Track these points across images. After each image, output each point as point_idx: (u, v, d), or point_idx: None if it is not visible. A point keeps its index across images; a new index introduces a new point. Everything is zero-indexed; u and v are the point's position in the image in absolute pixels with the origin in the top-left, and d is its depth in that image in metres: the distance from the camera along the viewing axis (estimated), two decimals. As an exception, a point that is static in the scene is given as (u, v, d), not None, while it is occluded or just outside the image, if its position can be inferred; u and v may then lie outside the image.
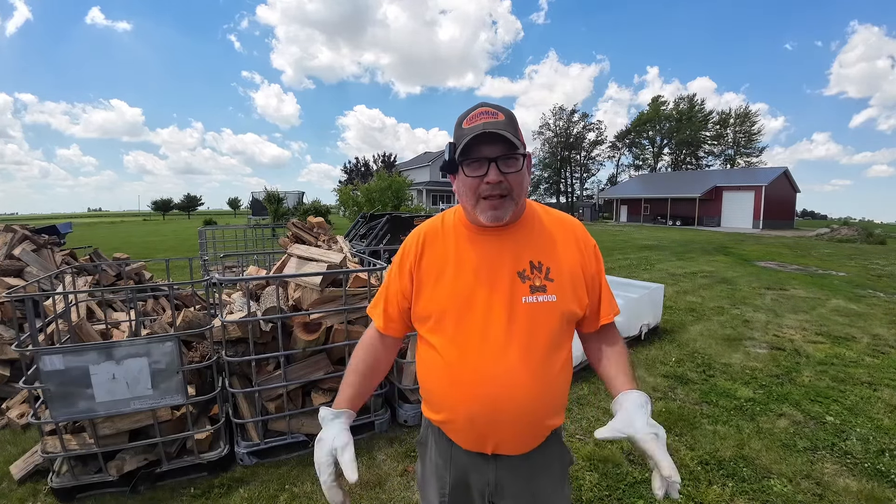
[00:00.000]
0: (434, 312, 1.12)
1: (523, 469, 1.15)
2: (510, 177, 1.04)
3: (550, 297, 1.08)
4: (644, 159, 60.64)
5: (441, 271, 1.14)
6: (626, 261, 11.82)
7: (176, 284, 3.01)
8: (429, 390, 1.18)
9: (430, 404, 1.20)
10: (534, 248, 1.12)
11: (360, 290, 2.92)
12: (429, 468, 1.26)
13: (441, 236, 1.18)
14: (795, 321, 5.88)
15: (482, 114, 1.04)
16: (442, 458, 1.21)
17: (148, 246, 17.20)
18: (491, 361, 1.06)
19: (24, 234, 4.15)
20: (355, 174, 50.13)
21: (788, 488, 2.51)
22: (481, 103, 1.08)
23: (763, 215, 30.25)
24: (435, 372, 1.14)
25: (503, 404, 1.06)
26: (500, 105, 1.07)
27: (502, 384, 1.06)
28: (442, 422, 1.17)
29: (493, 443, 1.11)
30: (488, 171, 1.03)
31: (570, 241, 1.16)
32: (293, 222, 3.78)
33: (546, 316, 1.08)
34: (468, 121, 1.05)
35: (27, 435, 3.01)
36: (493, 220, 1.07)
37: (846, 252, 15.16)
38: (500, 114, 1.04)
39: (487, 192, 1.04)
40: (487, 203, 1.06)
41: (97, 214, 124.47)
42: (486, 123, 1.02)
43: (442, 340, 1.11)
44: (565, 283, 1.11)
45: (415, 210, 23.02)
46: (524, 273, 1.09)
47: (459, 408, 1.10)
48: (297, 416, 2.81)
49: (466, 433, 1.13)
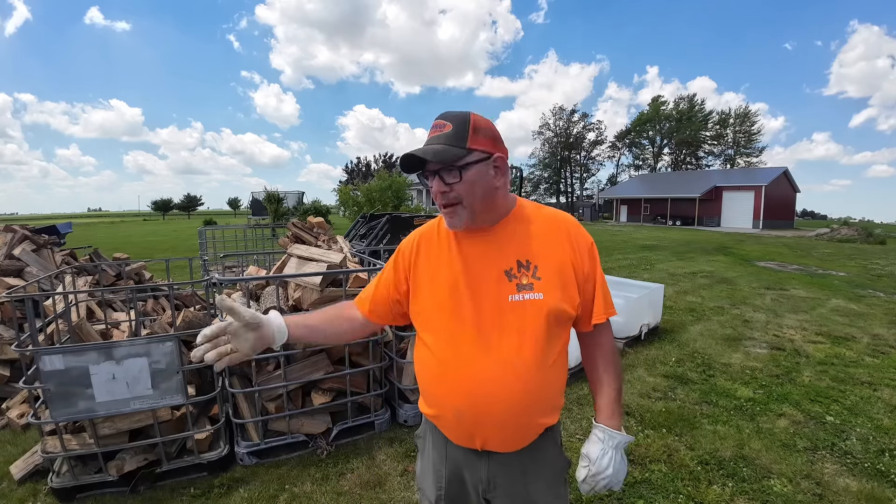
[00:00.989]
0: (428, 311, 1.18)
1: (516, 467, 1.17)
2: (456, 186, 1.07)
3: (537, 296, 1.09)
4: (644, 159, 60.74)
5: (435, 272, 1.18)
6: (626, 261, 11.81)
7: (176, 284, 3.02)
8: (422, 385, 1.23)
9: (424, 399, 1.24)
10: (522, 246, 1.14)
11: (359, 290, 2.92)
12: (427, 461, 1.29)
13: (435, 239, 1.22)
14: (795, 321, 5.88)
15: (434, 128, 1.09)
16: (437, 452, 1.24)
17: (148, 246, 17.20)
18: (476, 359, 1.09)
19: (24, 234, 4.15)
20: (356, 174, 50.16)
21: (788, 488, 2.51)
22: (440, 115, 1.11)
23: (763, 215, 30.26)
24: (427, 368, 1.19)
25: (487, 401, 1.09)
26: (457, 113, 1.09)
27: (486, 381, 1.08)
28: (433, 416, 1.21)
29: (480, 439, 1.13)
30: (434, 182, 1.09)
31: (561, 238, 1.16)
32: (293, 222, 3.79)
33: (533, 314, 1.09)
34: (428, 133, 1.11)
35: (27, 435, 3.01)
36: (450, 227, 1.14)
37: (846, 252, 15.16)
38: (447, 125, 1.07)
39: (440, 201, 1.10)
40: (443, 211, 1.12)
41: (97, 214, 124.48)
42: (429, 139, 1.08)
43: (434, 338, 1.16)
44: (554, 281, 1.11)
45: (415, 210, 23.02)
46: (511, 271, 1.11)
47: (447, 403, 1.14)
48: (297, 416, 2.81)
49: (455, 428, 1.16)
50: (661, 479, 2.56)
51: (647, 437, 3.00)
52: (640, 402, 3.53)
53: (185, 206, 75.99)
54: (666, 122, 56.72)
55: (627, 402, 3.51)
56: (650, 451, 2.84)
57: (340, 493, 2.45)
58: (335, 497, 2.42)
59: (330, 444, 2.84)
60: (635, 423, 3.21)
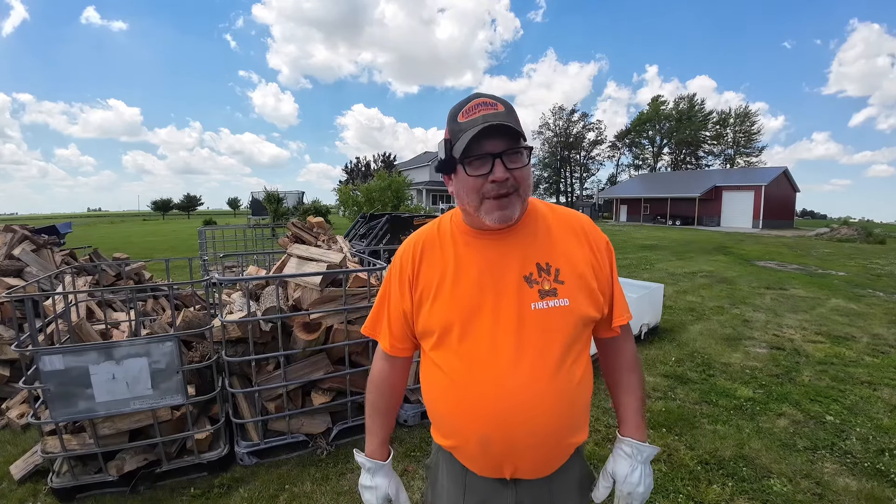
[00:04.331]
0: (436, 328, 1.02)
1: (544, 491, 1.06)
2: (516, 172, 0.94)
3: (563, 302, 0.98)
4: (644, 159, 60.79)
5: (441, 283, 1.03)
6: (626, 261, 11.82)
7: (176, 284, 3.02)
8: (436, 413, 1.08)
9: (438, 428, 1.09)
10: (540, 248, 1.02)
11: (359, 290, 2.92)
12: (440, 495, 1.16)
13: (438, 245, 1.07)
14: (795, 321, 5.88)
15: (480, 105, 0.94)
16: (455, 485, 1.09)
17: (148, 246, 17.20)
18: (501, 377, 0.96)
19: (24, 234, 4.14)
20: (356, 174, 50.14)
21: (788, 488, 2.51)
22: (476, 94, 0.98)
23: (763, 215, 30.27)
24: (441, 392, 1.04)
25: (518, 424, 0.96)
26: (496, 95, 0.97)
27: (515, 401, 0.95)
28: (453, 447, 1.06)
29: (511, 467, 1.00)
30: (493, 168, 0.92)
31: (580, 238, 1.05)
32: (293, 222, 3.79)
33: (559, 322, 0.97)
34: (464, 114, 0.95)
35: (27, 435, 3.01)
36: (501, 220, 0.96)
37: (846, 252, 15.16)
38: (498, 104, 0.95)
39: (494, 191, 0.94)
40: (494, 203, 0.95)
41: (97, 214, 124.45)
42: (485, 116, 0.92)
43: (447, 357, 1.01)
44: (578, 284, 1.00)
45: (415, 210, 23.03)
46: (531, 277, 0.99)
47: (470, 431, 1.00)
48: (297, 416, 2.81)
49: (480, 458, 1.02)
50: (661, 479, 2.56)
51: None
52: (639, 401, 3.53)
53: (185, 206, 75.94)
54: (666, 121, 56.78)
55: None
56: (650, 450, 2.84)
57: (340, 493, 2.45)
58: (335, 497, 2.42)
59: (330, 444, 2.84)
60: (635, 422, 3.21)
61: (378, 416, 1.20)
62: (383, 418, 1.20)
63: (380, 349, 1.18)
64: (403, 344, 1.13)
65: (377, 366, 1.20)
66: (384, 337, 1.14)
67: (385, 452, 1.21)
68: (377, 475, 1.18)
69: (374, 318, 1.17)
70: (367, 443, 1.21)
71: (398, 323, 1.11)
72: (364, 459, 1.19)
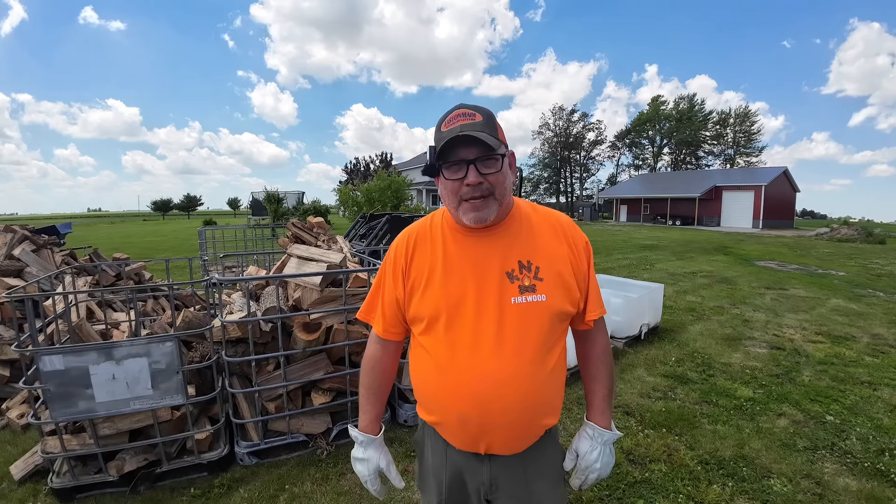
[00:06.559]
0: (425, 315, 1.13)
1: (517, 468, 1.17)
2: (491, 177, 1.04)
3: (540, 297, 1.08)
4: (644, 159, 60.76)
5: (431, 274, 1.14)
6: (626, 261, 11.82)
7: (176, 284, 3.02)
8: (421, 392, 1.20)
9: (423, 405, 1.21)
10: (522, 246, 1.12)
11: (359, 290, 2.92)
12: (426, 468, 1.28)
13: (430, 238, 1.18)
14: (795, 321, 5.88)
15: (459, 116, 1.05)
16: (437, 459, 1.23)
17: (148, 246, 17.19)
18: (480, 363, 1.07)
19: (24, 234, 4.14)
20: (356, 174, 50.15)
21: (788, 488, 2.51)
22: (459, 105, 1.08)
23: (763, 215, 30.26)
24: (426, 374, 1.16)
25: (493, 405, 1.07)
26: (477, 105, 1.07)
27: (492, 385, 1.07)
28: (435, 423, 1.19)
29: (485, 443, 1.12)
30: (467, 173, 1.03)
31: (559, 238, 1.15)
32: (293, 222, 3.79)
33: (536, 316, 1.08)
34: (446, 123, 1.05)
35: (27, 435, 3.01)
36: (476, 221, 1.07)
37: (846, 251, 15.16)
38: (477, 115, 1.05)
39: (469, 194, 1.05)
40: (469, 205, 1.06)
41: (97, 214, 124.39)
42: (462, 126, 1.02)
43: (433, 343, 1.12)
44: (556, 281, 1.10)
45: (414, 210, 23.03)
46: (513, 273, 1.09)
47: (450, 409, 1.12)
48: (297, 416, 2.81)
49: (458, 434, 1.14)
50: (661, 479, 2.56)
51: (647, 437, 3.00)
52: (640, 401, 3.53)
53: (185, 207, 75.95)
54: (666, 121, 56.73)
55: (627, 402, 3.51)
56: (650, 450, 2.84)
57: (340, 493, 2.46)
58: (335, 497, 2.42)
59: (330, 444, 2.84)
60: (635, 422, 3.21)
61: (371, 395, 1.31)
62: (375, 396, 1.31)
63: (373, 333, 1.29)
64: (395, 329, 1.24)
65: (371, 349, 1.31)
66: (378, 321, 1.25)
67: (377, 428, 1.31)
68: (369, 448, 1.29)
69: (369, 304, 1.28)
70: (361, 419, 1.32)
71: (391, 309, 1.21)
72: (357, 433, 1.30)
